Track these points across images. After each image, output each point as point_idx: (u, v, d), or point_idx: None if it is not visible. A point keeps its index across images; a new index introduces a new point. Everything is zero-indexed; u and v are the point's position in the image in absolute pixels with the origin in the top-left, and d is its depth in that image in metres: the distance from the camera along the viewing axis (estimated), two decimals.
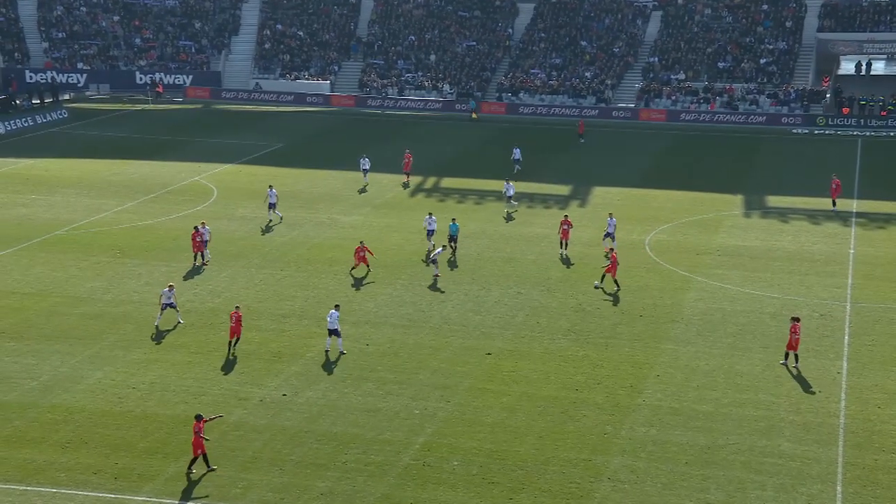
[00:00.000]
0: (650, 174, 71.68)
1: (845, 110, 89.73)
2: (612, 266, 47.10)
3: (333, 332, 39.65)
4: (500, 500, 30.31)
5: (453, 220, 53.47)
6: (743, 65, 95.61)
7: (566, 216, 54.26)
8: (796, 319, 39.22)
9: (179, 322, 42.72)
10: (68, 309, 44.54)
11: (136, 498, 30.13)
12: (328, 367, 38.93)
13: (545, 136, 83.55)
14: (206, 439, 31.61)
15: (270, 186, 59.31)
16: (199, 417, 31.48)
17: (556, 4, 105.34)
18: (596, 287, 47.20)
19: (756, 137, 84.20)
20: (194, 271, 49.49)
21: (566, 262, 51.63)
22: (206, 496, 30.23)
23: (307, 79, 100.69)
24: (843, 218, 60.19)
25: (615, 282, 47.17)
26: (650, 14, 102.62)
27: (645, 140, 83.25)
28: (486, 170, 70.65)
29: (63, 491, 30.46)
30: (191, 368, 38.77)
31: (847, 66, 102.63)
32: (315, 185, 66.79)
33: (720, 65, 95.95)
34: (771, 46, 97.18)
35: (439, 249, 48.86)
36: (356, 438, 33.69)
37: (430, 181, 69.05)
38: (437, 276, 48.33)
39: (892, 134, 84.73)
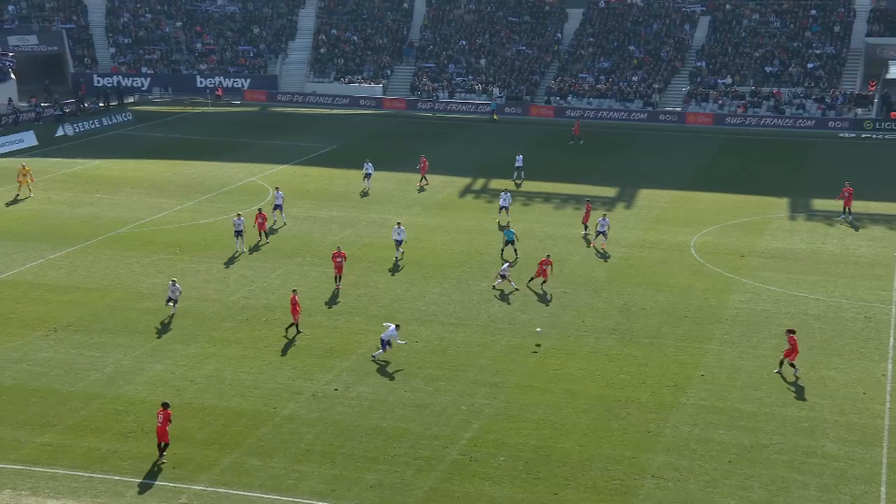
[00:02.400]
0: (696, 177, 71.14)
1: (893, 115, 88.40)
2: (540, 273, 47.36)
3: (383, 343, 39.16)
4: (544, 495, 30.27)
5: (508, 227, 53.45)
6: (790, 69, 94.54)
7: (588, 200, 57.02)
8: (792, 332, 38.48)
9: (173, 313, 43.58)
10: (130, 304, 45.12)
11: (193, 487, 30.48)
12: (379, 363, 39.08)
13: (593, 139, 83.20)
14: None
15: (277, 188, 59.57)
16: (165, 405, 31.84)
17: (604, 10, 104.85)
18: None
19: (802, 142, 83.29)
20: (254, 259, 49.85)
21: (608, 261, 51.43)
22: (261, 486, 30.49)
23: (360, 82, 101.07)
24: (889, 221, 59.34)
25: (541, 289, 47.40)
26: (698, 19, 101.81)
27: (691, 143, 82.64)
28: (534, 171, 70.34)
29: (125, 479, 30.90)
30: (245, 363, 39.12)
31: (895, 71, 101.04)
32: (364, 185, 67.05)
33: (767, 69, 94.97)
34: (819, 51, 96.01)
35: (506, 265, 47.39)
36: (405, 433, 33.81)
37: (479, 182, 69.02)
38: (516, 289, 46.92)
39: None
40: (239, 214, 53.15)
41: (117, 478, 30.97)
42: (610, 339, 41.69)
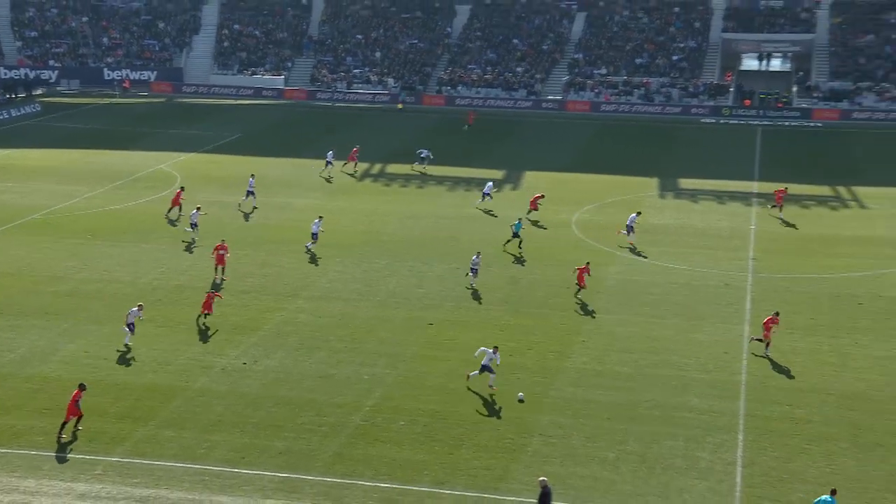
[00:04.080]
0: (576, 160, 72.01)
1: (747, 102, 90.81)
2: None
3: (486, 369, 34.48)
4: (441, 455, 30.45)
5: (519, 219, 51.77)
6: (657, 61, 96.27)
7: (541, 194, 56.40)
8: (777, 314, 38.51)
9: (127, 344, 37.73)
10: (44, 287, 43.84)
11: (108, 459, 29.84)
12: (284, 337, 38.73)
13: (481, 126, 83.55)
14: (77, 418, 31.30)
15: (252, 175, 58.61)
16: (81, 386, 31.29)
17: (490, 6, 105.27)
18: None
19: (669, 127, 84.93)
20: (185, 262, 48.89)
21: (497, 238, 51.84)
22: (174, 456, 30.01)
23: (263, 74, 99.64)
24: (745, 198, 60.99)
25: None
26: (575, 15, 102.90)
27: (571, 129, 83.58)
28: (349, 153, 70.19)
29: (42, 453, 30.09)
30: (158, 340, 38.38)
31: (748, 63, 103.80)
32: (271, 171, 66.24)
33: (637, 61, 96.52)
34: (682, 45, 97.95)
35: (476, 258, 45.45)
36: (311, 402, 33.61)
37: (377, 167, 68.79)
38: (472, 284, 44.68)
39: (787, 123, 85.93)
40: (198, 207, 51.85)
41: (34, 452, 30.14)
42: (499, 310, 42.02)
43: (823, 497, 26.63)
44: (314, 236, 49.52)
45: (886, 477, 29.25)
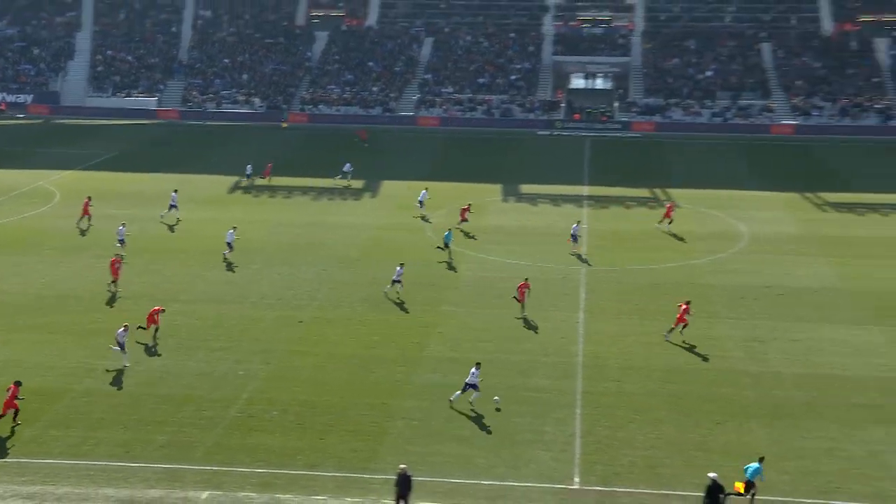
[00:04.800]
0: (428, 169, 72.34)
1: (576, 116, 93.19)
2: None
3: (471, 387, 32.55)
4: (312, 441, 30.20)
5: (449, 230, 50.89)
6: (497, 80, 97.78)
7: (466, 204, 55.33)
8: (688, 302, 39.01)
9: (125, 365, 35.44)
10: None
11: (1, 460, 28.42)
12: (164, 339, 37.64)
13: (341, 141, 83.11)
14: (21, 399, 30.55)
15: (175, 190, 56.65)
16: (17, 383, 30.57)
17: (346, 32, 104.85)
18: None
19: (509, 139, 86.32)
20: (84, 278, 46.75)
21: (359, 241, 51.70)
22: (60, 453, 28.79)
23: (137, 96, 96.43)
24: (577, 200, 62.59)
25: None
26: (423, 40, 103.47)
27: (423, 142, 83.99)
28: (291, 169, 69.48)
29: None
30: (43, 346, 36.77)
31: (576, 82, 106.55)
32: (147, 186, 64.22)
33: (480, 80, 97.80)
34: (518, 66, 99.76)
35: (399, 269, 43.03)
36: (190, 398, 32.81)
37: (245, 180, 67.52)
38: (390, 291, 43.08)
39: (610, 135, 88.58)
40: (123, 224, 49.80)
41: None
42: (362, 307, 41.93)
43: (752, 464, 27.10)
44: (229, 245, 48.29)
45: (699, 439, 30.57)
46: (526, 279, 41.96)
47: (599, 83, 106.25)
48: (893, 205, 60.92)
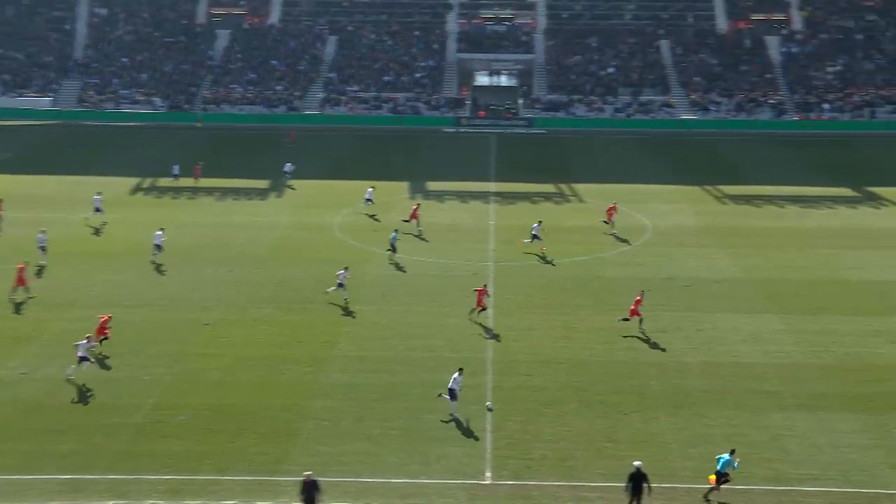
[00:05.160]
0: (334, 168, 71.88)
1: (481, 113, 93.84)
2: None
3: (451, 392, 31.77)
4: (222, 444, 29.67)
5: (396, 230, 49.99)
6: (403, 78, 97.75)
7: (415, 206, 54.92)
8: (642, 292, 39.94)
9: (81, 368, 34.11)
10: None
11: None
12: (64, 346, 36.42)
13: (245, 140, 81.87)
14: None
15: (99, 193, 54.92)
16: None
17: (248, 30, 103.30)
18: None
19: (416, 136, 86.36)
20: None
21: (266, 241, 51.03)
22: None
23: (29, 96, 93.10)
24: (484, 197, 63.00)
25: None
26: (327, 38, 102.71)
27: (328, 141, 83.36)
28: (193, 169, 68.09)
29: None
30: None
31: (481, 79, 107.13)
32: (43, 188, 62.11)
33: (385, 78, 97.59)
34: (423, 64, 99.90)
35: (343, 272, 42.24)
36: (93, 406, 31.86)
37: (147, 182, 65.94)
38: (334, 293, 42.19)
39: (516, 131, 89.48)
40: (43, 230, 47.46)
41: None
42: (270, 308, 41.38)
43: (723, 455, 27.42)
44: (158, 247, 47.04)
45: (607, 429, 31.10)
46: (485, 285, 40.79)
47: (504, 80, 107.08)
48: (788, 197, 63.10)
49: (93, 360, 34.23)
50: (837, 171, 71.23)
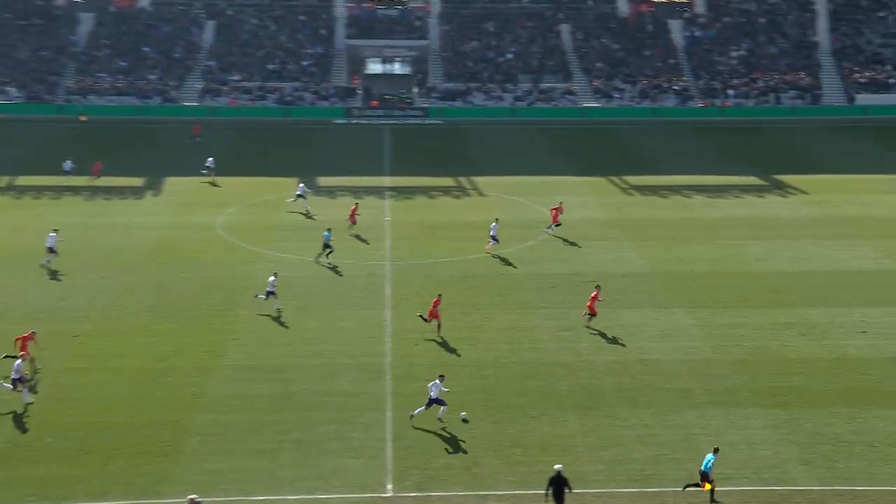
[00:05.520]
0: (219, 163, 70.54)
1: (374, 103, 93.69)
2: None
3: (436, 402, 31.81)
4: (95, 467, 28.82)
5: (328, 229, 49.00)
6: (289, 66, 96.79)
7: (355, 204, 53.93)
8: (598, 287, 40.79)
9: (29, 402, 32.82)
10: None
11: None
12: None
13: (115, 135, 79.72)
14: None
15: None
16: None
17: (115, 14, 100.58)
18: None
19: (305, 128, 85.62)
20: None
21: (140, 244, 49.83)
22: None
23: None
24: (379, 192, 62.90)
25: None
26: (204, 23, 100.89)
27: (210, 134, 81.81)
28: (57, 167, 65.95)
29: None
30: None
31: (373, 67, 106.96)
32: None
33: (270, 66, 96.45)
34: (310, 51, 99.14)
35: (272, 279, 41.32)
36: None
37: (5, 180, 63.58)
38: (265, 303, 41.28)
39: (411, 122, 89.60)
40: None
41: None
42: (148, 316, 40.42)
43: (708, 455, 27.97)
44: (51, 250, 45.19)
45: (514, 434, 31.41)
46: (440, 295, 39.75)
47: (397, 68, 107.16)
48: (695, 186, 64.89)
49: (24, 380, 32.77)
50: (744, 159, 73.66)
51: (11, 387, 32.39)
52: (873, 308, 42.25)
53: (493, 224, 49.96)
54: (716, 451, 28.36)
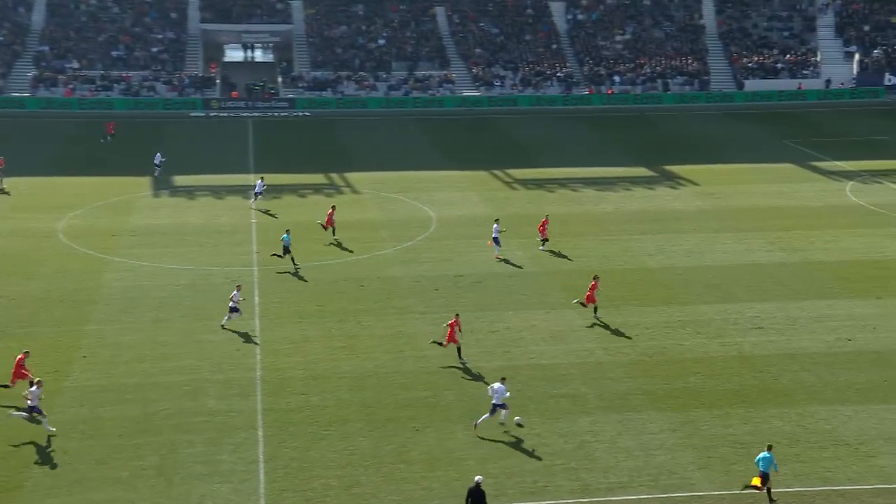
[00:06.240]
0: (56, 162, 68.62)
1: (235, 94, 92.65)
2: None
3: (499, 407, 32.63)
4: None
5: (287, 231, 48.11)
6: (136, 53, 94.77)
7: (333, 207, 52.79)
8: (596, 278, 42.41)
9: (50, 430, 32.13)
10: None
11: None
12: None
13: None
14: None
15: None
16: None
17: None
18: None
19: (158, 122, 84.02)
20: None
21: None
22: None
23: None
24: (244, 192, 62.22)
25: None
26: (33, 3, 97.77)
27: (46, 130, 79.45)
28: None
29: None
30: None
31: (232, 54, 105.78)
32: None
33: (114, 53, 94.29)
34: (160, 36, 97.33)
35: (235, 292, 40.73)
36: None
37: None
38: (228, 323, 40.63)
39: (277, 114, 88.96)
40: None
41: None
42: None
43: (762, 454, 28.97)
44: None
45: (398, 449, 31.56)
46: (457, 315, 38.44)
47: (259, 55, 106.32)
48: (583, 179, 66.36)
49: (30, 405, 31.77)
50: (633, 149, 75.70)
51: (26, 414, 31.74)
52: (768, 303, 44.01)
53: (495, 226, 50.36)
54: (769, 448, 29.47)
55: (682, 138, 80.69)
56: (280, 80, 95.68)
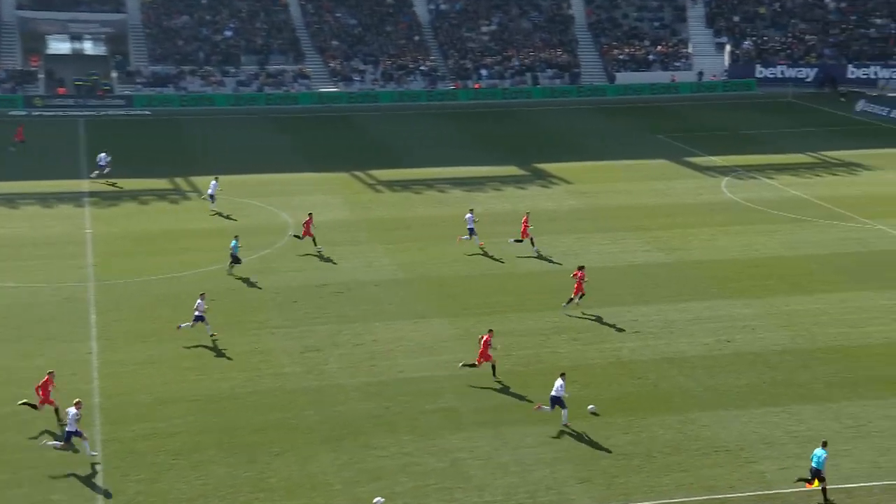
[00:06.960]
0: None
1: (61, 90, 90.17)
2: None
3: (557, 402, 34.50)
4: None
5: (236, 237, 47.84)
6: None
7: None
8: (581, 268, 44.64)
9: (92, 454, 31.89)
10: None
11: None
12: None
13: None
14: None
15: None
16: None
17: None
18: None
19: None
20: None
21: None
22: None
23: None
24: (76, 199, 60.65)
25: None
26: None
27: None
28: None
29: None
30: None
31: (56, 46, 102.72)
32: None
33: None
34: None
35: (200, 301, 40.46)
36: None
37: None
38: (213, 335, 40.86)
39: (112, 112, 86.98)
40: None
41: None
42: None
43: (817, 451, 30.00)
44: None
45: (256, 477, 31.23)
46: (490, 330, 38.37)
47: (89, 47, 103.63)
48: (450, 179, 66.93)
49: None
50: (501, 146, 76.73)
51: (61, 444, 31.66)
52: (646, 306, 45.15)
53: (468, 215, 52.05)
54: (824, 444, 30.28)
55: (553, 134, 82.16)
56: (115, 75, 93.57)
